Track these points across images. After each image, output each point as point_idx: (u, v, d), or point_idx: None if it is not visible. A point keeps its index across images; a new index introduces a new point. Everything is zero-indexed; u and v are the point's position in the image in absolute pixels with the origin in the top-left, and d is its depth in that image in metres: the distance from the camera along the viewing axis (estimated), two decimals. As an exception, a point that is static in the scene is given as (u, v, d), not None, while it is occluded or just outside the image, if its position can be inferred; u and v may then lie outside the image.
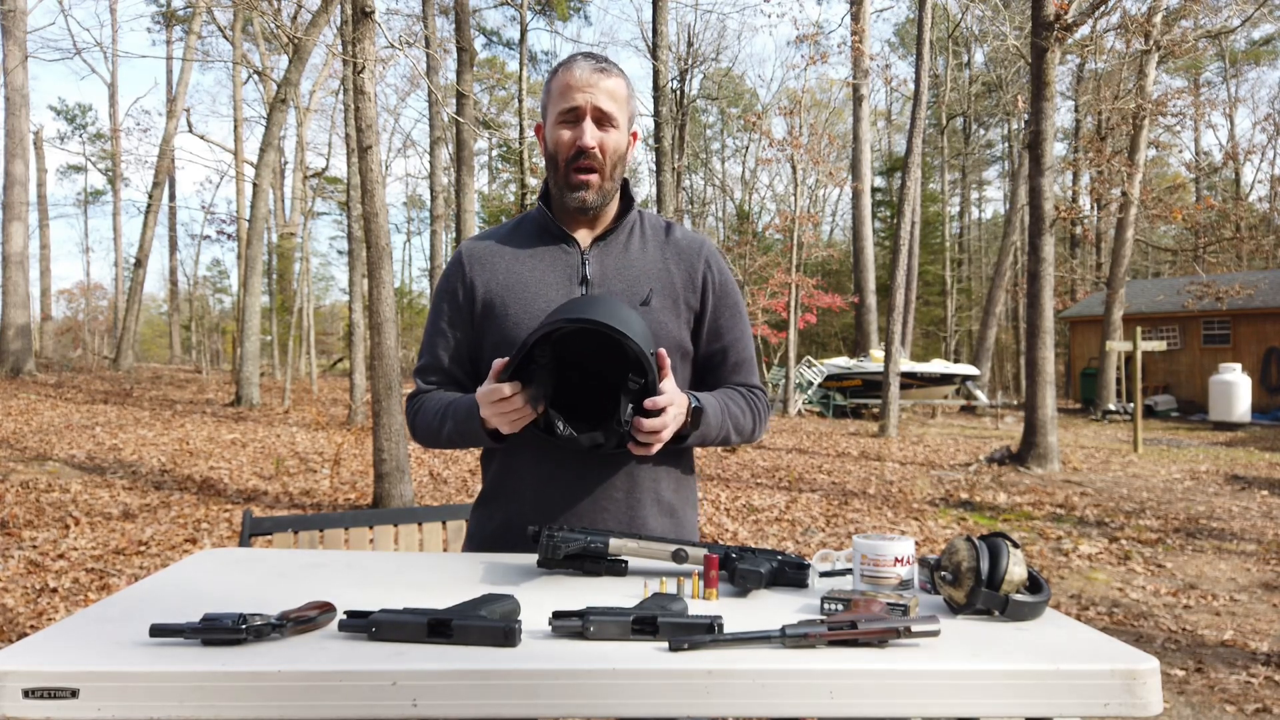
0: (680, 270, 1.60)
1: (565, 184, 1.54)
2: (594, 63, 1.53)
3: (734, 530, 6.43)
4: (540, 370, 1.38)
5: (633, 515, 1.53)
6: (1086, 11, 10.22)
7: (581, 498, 1.51)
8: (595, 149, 1.51)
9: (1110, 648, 1.04)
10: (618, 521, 1.52)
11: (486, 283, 1.57)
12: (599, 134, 1.52)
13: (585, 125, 1.51)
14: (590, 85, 1.51)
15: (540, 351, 1.38)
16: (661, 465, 1.57)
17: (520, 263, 1.58)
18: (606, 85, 1.52)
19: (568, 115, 1.52)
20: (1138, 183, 18.33)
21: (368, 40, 6.23)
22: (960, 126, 34.71)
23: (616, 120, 1.53)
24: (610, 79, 1.53)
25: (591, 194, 1.53)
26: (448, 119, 16.30)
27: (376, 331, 6.46)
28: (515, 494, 1.54)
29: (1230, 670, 3.61)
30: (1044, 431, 9.98)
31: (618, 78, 1.54)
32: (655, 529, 1.55)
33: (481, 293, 1.57)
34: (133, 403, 14.05)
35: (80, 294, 34.37)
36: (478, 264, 1.59)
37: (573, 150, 1.52)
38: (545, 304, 1.53)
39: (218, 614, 0.99)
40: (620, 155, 1.55)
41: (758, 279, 21.06)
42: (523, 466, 1.53)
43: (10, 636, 3.75)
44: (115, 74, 28.61)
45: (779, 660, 0.97)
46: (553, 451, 1.49)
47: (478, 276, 1.58)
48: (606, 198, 1.56)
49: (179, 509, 6.46)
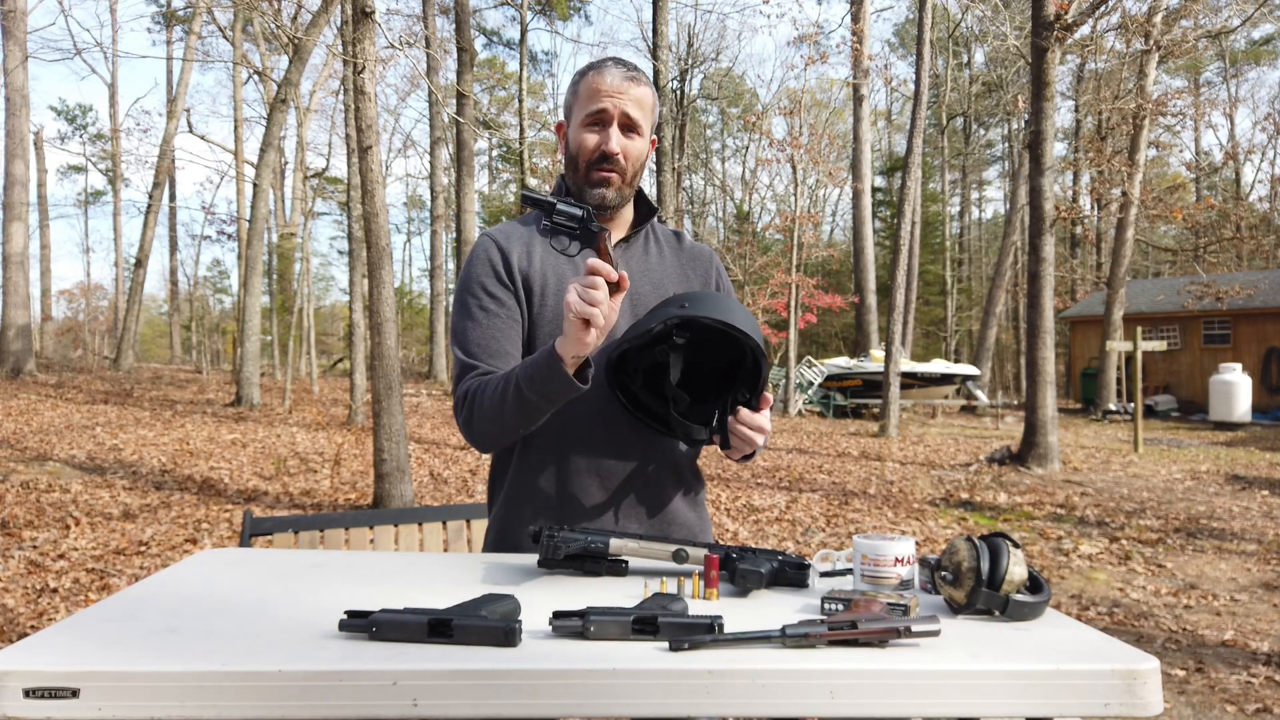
0: (696, 276, 1.66)
1: (586, 181, 1.55)
2: (625, 70, 1.55)
3: (734, 530, 6.43)
4: (674, 350, 1.45)
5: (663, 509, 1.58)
6: (1086, 11, 10.22)
7: (619, 492, 1.54)
8: (620, 155, 1.53)
9: (1111, 648, 1.04)
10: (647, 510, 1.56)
11: (524, 269, 1.55)
12: (624, 140, 1.54)
13: (612, 131, 1.53)
14: (620, 92, 1.52)
15: (679, 334, 1.43)
16: (684, 461, 1.62)
17: (553, 256, 1.58)
18: (635, 93, 1.54)
19: (595, 118, 1.53)
20: (1138, 183, 18.33)
21: (368, 40, 6.23)
22: (960, 126, 34.71)
23: (641, 129, 1.55)
24: (639, 87, 1.55)
25: (612, 191, 1.55)
26: (448, 119, 16.31)
27: (377, 331, 6.46)
28: (544, 493, 1.53)
29: (1231, 670, 3.61)
30: (1044, 431, 9.98)
31: (646, 86, 1.57)
32: (686, 520, 1.61)
33: (521, 276, 1.55)
34: (133, 403, 14.05)
35: (80, 294, 34.40)
36: (511, 250, 1.57)
37: (597, 154, 1.53)
38: None
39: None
40: (641, 162, 1.58)
41: (758, 279, 21.06)
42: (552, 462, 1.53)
43: (10, 636, 3.75)
44: (115, 74, 28.62)
45: (779, 660, 0.97)
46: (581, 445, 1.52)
47: (514, 260, 1.55)
48: (624, 200, 1.58)
49: (179, 509, 6.46)
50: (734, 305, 1.45)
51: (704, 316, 1.38)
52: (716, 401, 1.52)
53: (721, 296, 1.47)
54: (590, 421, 1.52)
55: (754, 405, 1.45)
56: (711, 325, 1.39)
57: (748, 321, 1.44)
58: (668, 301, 1.46)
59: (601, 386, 1.50)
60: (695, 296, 1.44)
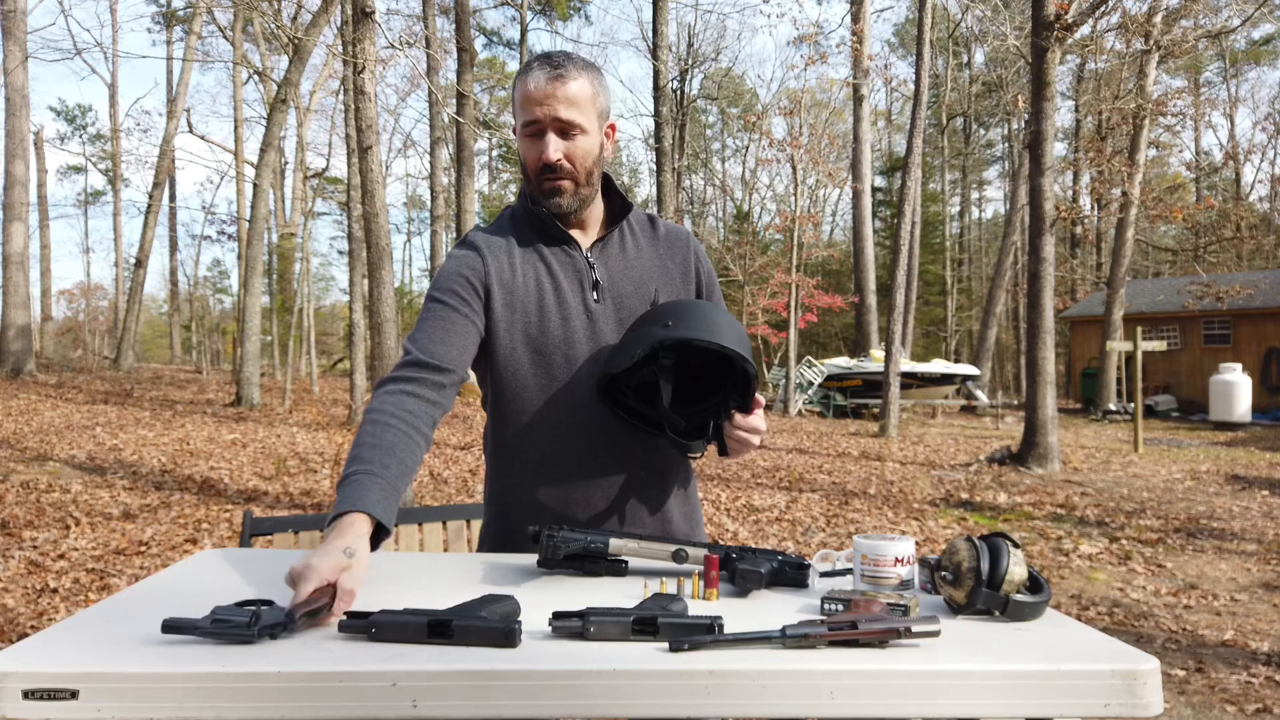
0: (675, 264, 1.63)
1: (539, 192, 1.52)
2: (549, 70, 1.45)
3: (734, 530, 6.43)
4: (663, 371, 1.45)
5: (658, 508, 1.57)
6: (1086, 11, 10.22)
7: (611, 491, 1.53)
8: (561, 161, 1.48)
9: (1111, 648, 1.04)
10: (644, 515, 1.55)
11: (505, 280, 1.53)
12: (563, 144, 1.48)
13: (548, 140, 1.47)
14: (547, 97, 1.44)
15: (666, 354, 1.43)
16: (671, 460, 1.60)
17: (532, 264, 1.55)
18: (565, 93, 1.45)
19: (530, 129, 1.49)
20: (1138, 183, 18.34)
21: (368, 40, 6.23)
22: (960, 126, 34.72)
23: (581, 125, 1.47)
24: (568, 84, 1.45)
25: (566, 199, 1.51)
26: (448, 119, 16.30)
27: (377, 331, 6.46)
28: (537, 492, 1.53)
29: (1231, 670, 3.61)
30: (1044, 431, 9.98)
31: (578, 78, 1.47)
32: (678, 520, 1.59)
33: (499, 287, 1.52)
34: (133, 403, 14.05)
35: (81, 294, 34.42)
36: (492, 255, 1.55)
37: (539, 165, 1.49)
38: (566, 311, 1.52)
39: (228, 611, 0.99)
40: (593, 159, 1.51)
41: (758, 279, 21.07)
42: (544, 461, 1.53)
43: (10, 637, 3.75)
44: (115, 74, 28.64)
45: (779, 660, 0.97)
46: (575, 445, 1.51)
47: (494, 269, 1.53)
48: (585, 201, 1.54)
49: (179, 509, 6.46)
50: (717, 315, 1.43)
51: (690, 338, 1.37)
52: (709, 406, 1.52)
53: (705, 306, 1.45)
54: (574, 429, 1.51)
55: (746, 408, 1.44)
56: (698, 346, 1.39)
57: (732, 331, 1.42)
58: (651, 317, 1.43)
59: (589, 395, 1.50)
60: (679, 311, 1.41)
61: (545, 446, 1.51)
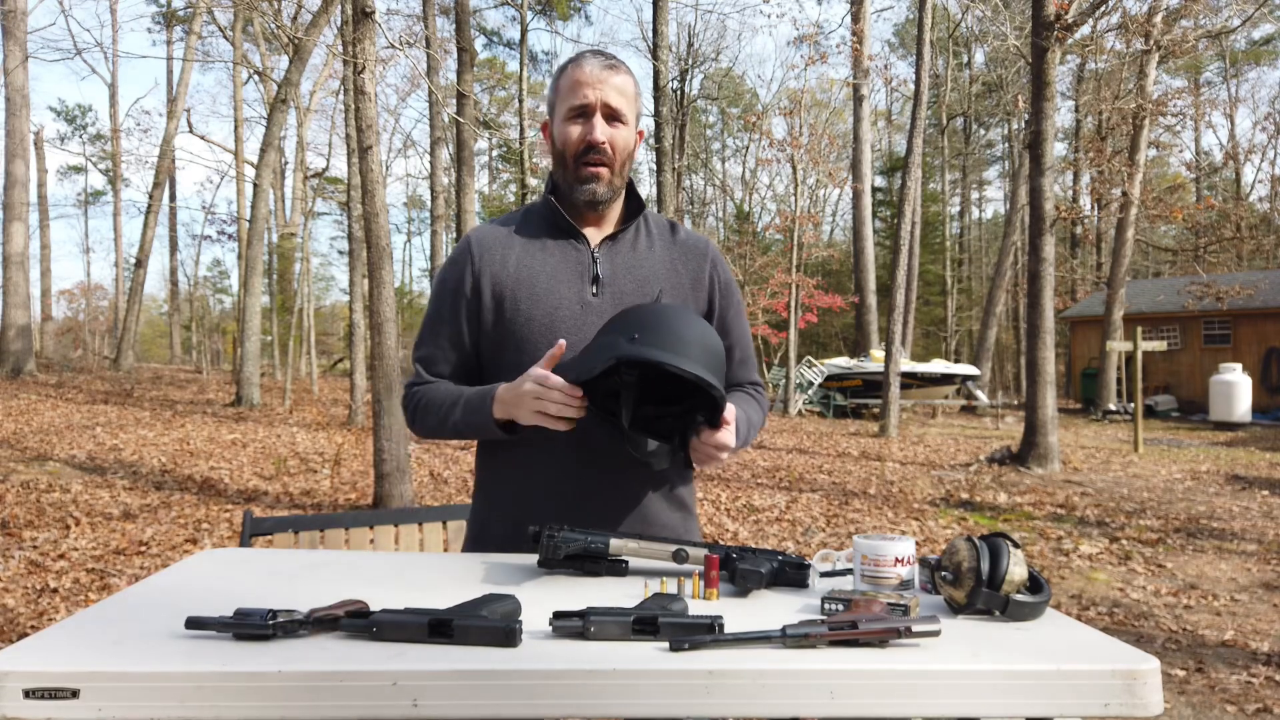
0: (687, 270, 1.61)
1: (575, 178, 1.53)
2: (603, 59, 1.53)
3: (734, 530, 6.43)
4: (626, 387, 1.40)
5: (646, 510, 1.54)
6: (1086, 11, 10.22)
7: (597, 494, 1.51)
8: (605, 144, 1.51)
9: (1111, 648, 1.04)
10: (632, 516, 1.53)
11: (496, 274, 1.54)
12: (609, 130, 1.52)
13: (596, 121, 1.51)
14: (600, 81, 1.51)
15: (628, 371, 1.38)
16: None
17: (531, 256, 1.56)
18: (616, 82, 1.52)
19: (578, 111, 1.52)
20: (1138, 183, 18.33)
21: (368, 40, 6.23)
22: (960, 126, 34.70)
23: (625, 117, 1.54)
24: (619, 76, 1.53)
25: (602, 186, 1.53)
26: (448, 119, 16.30)
27: (377, 331, 6.46)
28: (525, 493, 1.52)
29: (1231, 670, 3.61)
30: (1044, 431, 9.98)
31: (626, 75, 1.55)
32: (668, 522, 1.57)
33: (490, 283, 1.54)
34: (133, 403, 14.05)
35: (81, 294, 34.43)
36: (487, 253, 1.56)
37: (582, 145, 1.51)
38: (556, 301, 1.52)
39: (250, 609, 1.01)
40: (629, 152, 1.56)
41: (758, 279, 21.07)
42: (532, 465, 1.51)
43: (11, 636, 3.75)
44: (115, 74, 28.59)
45: (779, 660, 0.97)
46: (563, 448, 1.48)
47: (486, 266, 1.55)
48: (615, 193, 1.56)
49: (179, 509, 6.46)
50: (688, 330, 1.34)
51: (653, 359, 1.28)
52: (679, 411, 1.45)
53: (678, 319, 1.36)
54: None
55: (715, 423, 1.39)
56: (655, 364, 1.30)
57: (700, 350, 1.33)
58: (621, 324, 1.37)
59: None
60: (649, 322, 1.34)
61: (530, 435, 1.47)
